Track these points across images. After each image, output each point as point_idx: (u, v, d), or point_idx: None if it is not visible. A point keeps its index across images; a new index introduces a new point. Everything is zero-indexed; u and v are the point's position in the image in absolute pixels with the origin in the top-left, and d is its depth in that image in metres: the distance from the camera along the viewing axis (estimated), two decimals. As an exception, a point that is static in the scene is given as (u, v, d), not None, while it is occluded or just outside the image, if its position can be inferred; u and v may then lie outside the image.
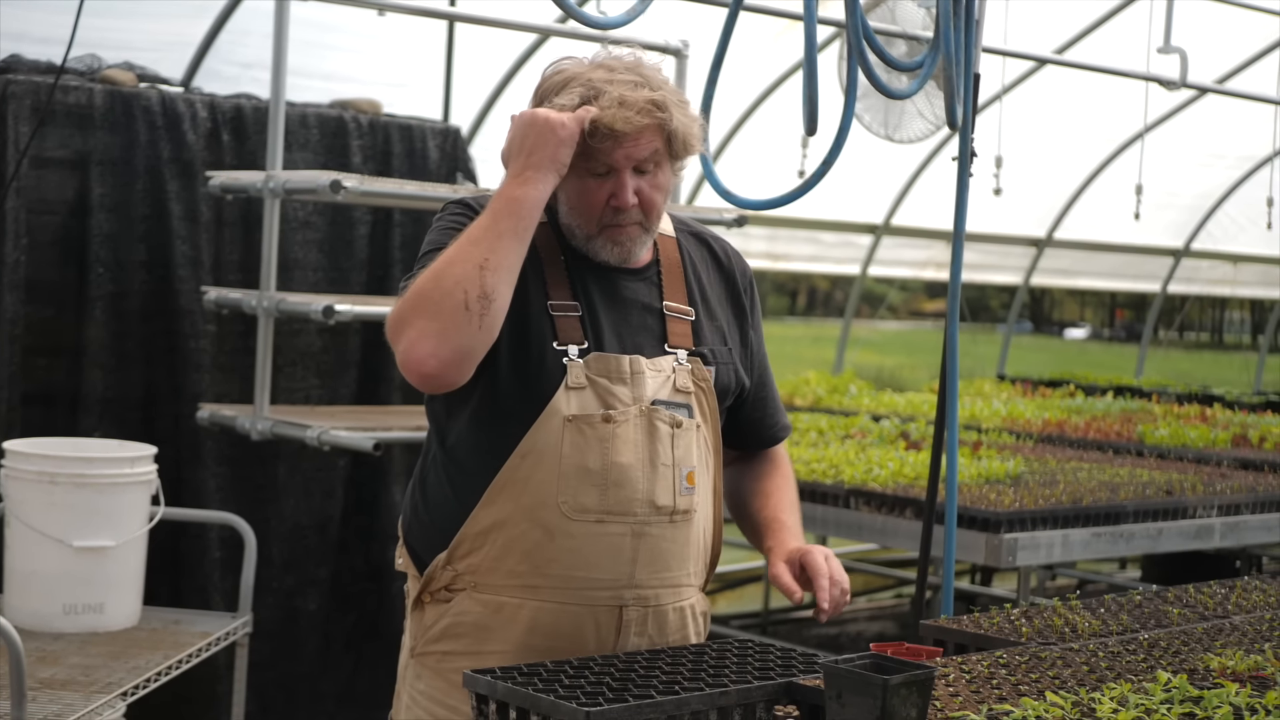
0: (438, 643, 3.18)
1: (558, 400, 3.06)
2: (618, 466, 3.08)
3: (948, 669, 3.09)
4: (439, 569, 3.17)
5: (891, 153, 9.01)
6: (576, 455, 3.06)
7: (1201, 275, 15.29)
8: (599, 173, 3.10)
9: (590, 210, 3.13)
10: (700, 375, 3.22)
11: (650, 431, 3.12)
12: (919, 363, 25.42)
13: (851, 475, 6.59)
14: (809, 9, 4.12)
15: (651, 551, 3.13)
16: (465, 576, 3.14)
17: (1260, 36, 11.27)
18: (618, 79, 3.09)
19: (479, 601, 3.13)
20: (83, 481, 5.09)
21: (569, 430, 3.06)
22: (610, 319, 3.17)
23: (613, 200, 3.10)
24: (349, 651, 6.90)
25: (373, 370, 6.88)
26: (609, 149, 3.07)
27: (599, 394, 3.09)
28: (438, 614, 3.19)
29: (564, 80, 3.12)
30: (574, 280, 3.16)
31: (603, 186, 3.10)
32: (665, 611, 3.19)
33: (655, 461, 3.12)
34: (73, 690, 4.45)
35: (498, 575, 3.10)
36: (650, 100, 3.07)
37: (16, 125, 5.85)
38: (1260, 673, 3.06)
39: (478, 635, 3.13)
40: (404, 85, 7.95)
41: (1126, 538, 6.38)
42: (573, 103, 3.06)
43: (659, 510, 3.12)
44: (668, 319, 3.23)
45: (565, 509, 3.07)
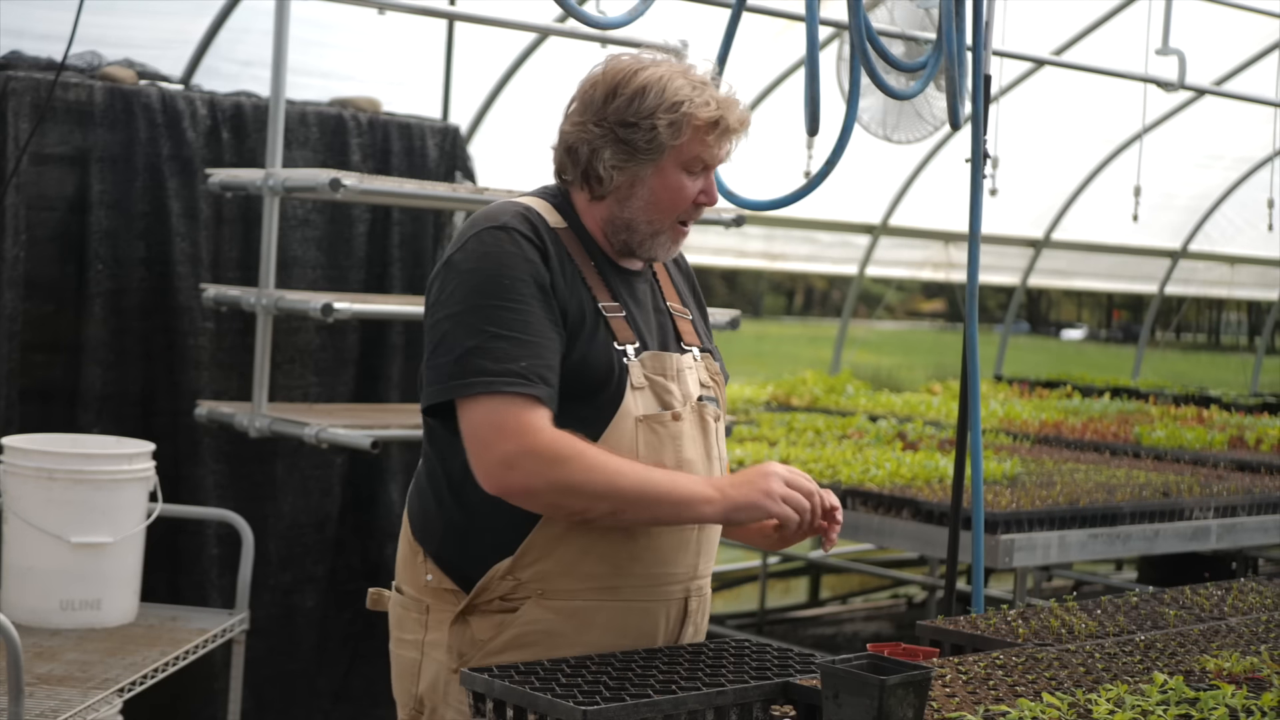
0: (501, 654, 3.06)
1: (628, 401, 3.08)
2: (687, 463, 3.13)
3: (944, 669, 3.09)
4: (496, 579, 3.07)
5: (889, 153, 9.02)
6: (651, 454, 3.07)
7: (1199, 276, 15.29)
8: (696, 170, 3.15)
9: (678, 205, 3.17)
10: (713, 369, 3.29)
11: (703, 426, 3.18)
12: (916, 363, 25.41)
13: (848, 475, 6.59)
14: (810, 9, 4.13)
15: (708, 542, 3.21)
16: (530, 584, 3.07)
17: (1258, 38, 11.28)
18: (706, 80, 3.16)
19: (549, 608, 3.07)
20: (81, 478, 5.09)
21: (642, 430, 3.08)
22: (643, 318, 3.20)
23: (701, 197, 3.17)
24: (345, 649, 6.91)
25: (371, 368, 6.88)
26: (718, 149, 3.15)
27: (657, 393, 3.12)
28: (494, 625, 3.09)
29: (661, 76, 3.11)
30: (609, 283, 3.19)
31: (695, 183, 3.16)
32: (708, 599, 3.28)
33: (711, 456, 3.19)
34: (70, 686, 4.45)
35: (571, 580, 3.06)
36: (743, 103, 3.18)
37: (16, 122, 5.85)
38: (1256, 674, 3.07)
39: (549, 643, 3.06)
40: (403, 84, 7.96)
41: (1123, 539, 6.39)
42: (695, 98, 3.09)
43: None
44: (675, 318, 3.28)
45: None
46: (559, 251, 3.11)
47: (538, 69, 8.65)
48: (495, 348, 2.95)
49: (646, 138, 3.09)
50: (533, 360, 2.96)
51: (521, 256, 3.03)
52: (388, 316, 6.63)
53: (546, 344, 2.99)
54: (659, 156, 3.11)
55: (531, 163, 8.86)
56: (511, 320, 2.98)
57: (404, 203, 6.46)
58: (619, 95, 3.11)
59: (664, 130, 3.07)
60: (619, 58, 3.19)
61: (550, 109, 9.39)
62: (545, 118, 9.60)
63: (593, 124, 3.13)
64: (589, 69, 3.22)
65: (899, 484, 6.49)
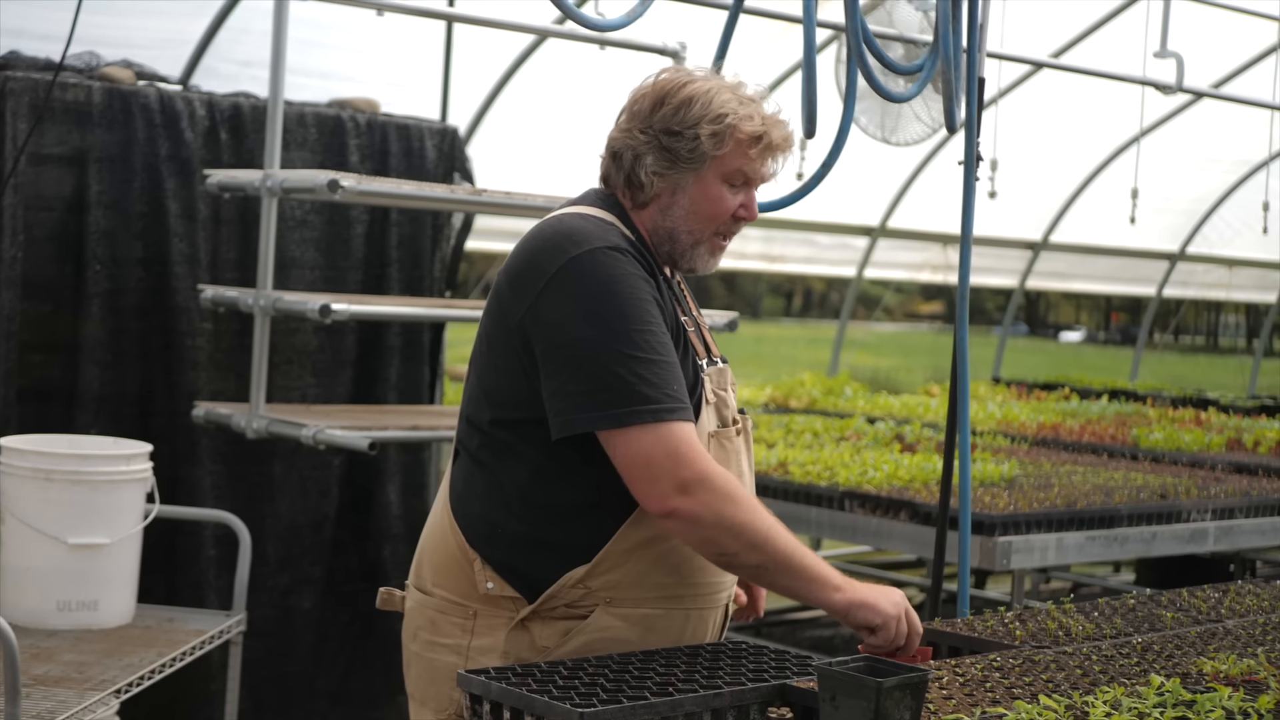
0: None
1: (704, 416, 3.14)
2: (744, 474, 3.22)
3: (941, 671, 3.10)
4: (567, 587, 3.10)
5: (888, 155, 9.01)
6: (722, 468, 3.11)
7: (1197, 279, 15.30)
8: (737, 183, 3.19)
9: (717, 217, 3.21)
10: (733, 381, 3.35)
11: (747, 440, 3.27)
12: (914, 364, 25.45)
13: (846, 477, 6.59)
14: (808, 12, 4.13)
15: None
16: (599, 592, 3.10)
17: (1256, 41, 11.28)
18: (756, 98, 3.23)
19: (619, 616, 3.11)
20: (78, 478, 5.09)
21: (714, 445, 3.15)
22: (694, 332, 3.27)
23: (741, 211, 3.21)
24: (343, 650, 6.91)
25: (369, 369, 6.88)
26: (759, 163, 3.20)
27: (718, 407, 3.20)
28: (558, 633, 3.11)
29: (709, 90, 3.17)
30: (676, 298, 3.25)
31: (735, 196, 3.21)
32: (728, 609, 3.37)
33: (751, 467, 3.30)
34: (66, 687, 4.45)
35: (641, 589, 3.11)
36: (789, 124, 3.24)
37: (15, 122, 5.85)
38: (1253, 677, 3.07)
39: (614, 649, 3.10)
40: (402, 85, 7.95)
41: (1120, 541, 6.39)
42: (744, 112, 3.15)
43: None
44: (702, 329, 3.34)
45: None
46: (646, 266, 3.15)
47: (536, 71, 8.65)
48: (649, 374, 2.98)
49: (689, 146, 3.14)
50: (678, 385, 3.02)
51: (641, 277, 3.08)
52: (386, 318, 6.63)
53: (678, 367, 3.06)
54: (700, 166, 3.16)
55: (530, 164, 8.90)
56: (655, 344, 3.02)
57: (402, 204, 6.47)
58: (666, 104, 3.17)
59: (706, 140, 3.13)
60: (671, 71, 3.26)
61: (549, 110, 9.43)
62: (544, 119, 9.65)
63: (639, 131, 3.19)
64: (639, 81, 3.27)
65: (897, 486, 6.50)
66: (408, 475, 7.01)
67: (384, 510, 6.91)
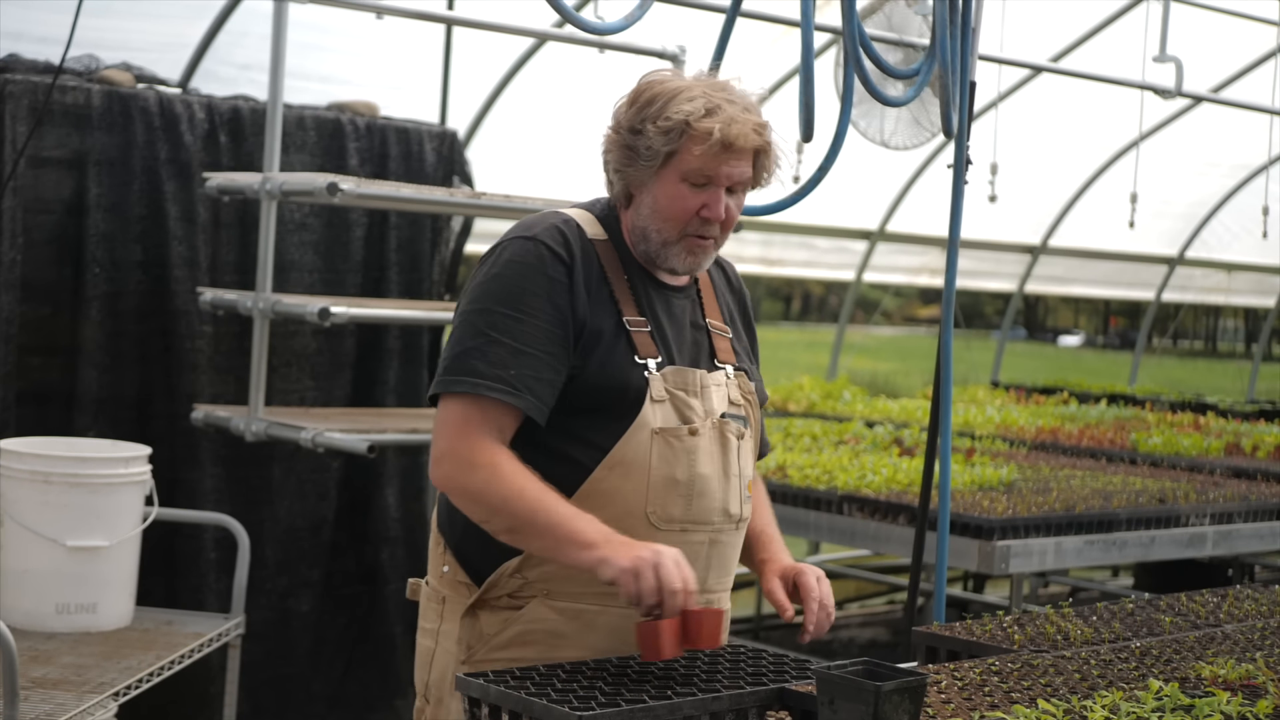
0: (504, 650, 3.15)
1: (645, 413, 3.13)
2: (701, 478, 3.17)
3: (940, 676, 3.10)
4: (505, 576, 3.15)
5: (887, 159, 9.01)
6: (665, 467, 3.13)
7: (1196, 283, 15.29)
8: (697, 183, 3.15)
9: (680, 216, 3.18)
10: (746, 389, 3.33)
11: (723, 443, 3.22)
12: (913, 368, 25.42)
13: (845, 481, 6.59)
14: (806, 16, 4.13)
15: (721, 558, 3.25)
16: (536, 584, 3.14)
17: (1255, 46, 11.28)
18: (734, 99, 3.16)
19: (554, 609, 3.14)
20: (77, 481, 5.09)
21: (657, 443, 3.13)
22: (673, 334, 3.25)
23: (704, 211, 3.17)
24: (341, 653, 6.91)
25: (367, 372, 6.88)
26: (717, 162, 3.14)
27: (677, 407, 3.17)
28: (500, 621, 3.16)
29: (679, 88, 3.16)
30: (639, 297, 3.23)
31: (697, 196, 3.16)
32: (723, 614, 3.23)
33: (728, 472, 3.22)
34: (65, 690, 4.45)
35: (576, 583, 3.11)
36: (760, 124, 3.16)
37: (14, 124, 5.85)
38: (1251, 681, 3.07)
39: (551, 642, 3.13)
40: (401, 88, 7.95)
41: (1119, 545, 6.39)
42: (695, 110, 3.10)
43: (730, 518, 3.23)
44: (713, 335, 3.32)
45: (654, 519, 3.13)
46: (590, 265, 3.18)
47: (535, 74, 8.65)
48: (493, 352, 3.06)
49: (645, 144, 3.14)
50: (524, 370, 3.06)
51: (541, 270, 3.13)
52: (385, 321, 6.63)
53: (545, 358, 3.08)
54: (656, 164, 3.15)
55: (529, 167, 8.90)
56: (515, 329, 3.08)
57: (401, 207, 6.47)
58: (635, 103, 3.19)
59: (657, 137, 3.12)
60: (655, 72, 3.27)
61: (547, 114, 9.43)
62: (543, 122, 9.64)
63: (612, 130, 3.22)
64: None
65: (895, 490, 6.50)
66: (406, 478, 7.01)
67: (382, 513, 6.91)
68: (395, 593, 6.95)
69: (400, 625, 6.95)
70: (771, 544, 3.42)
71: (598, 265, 3.19)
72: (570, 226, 3.21)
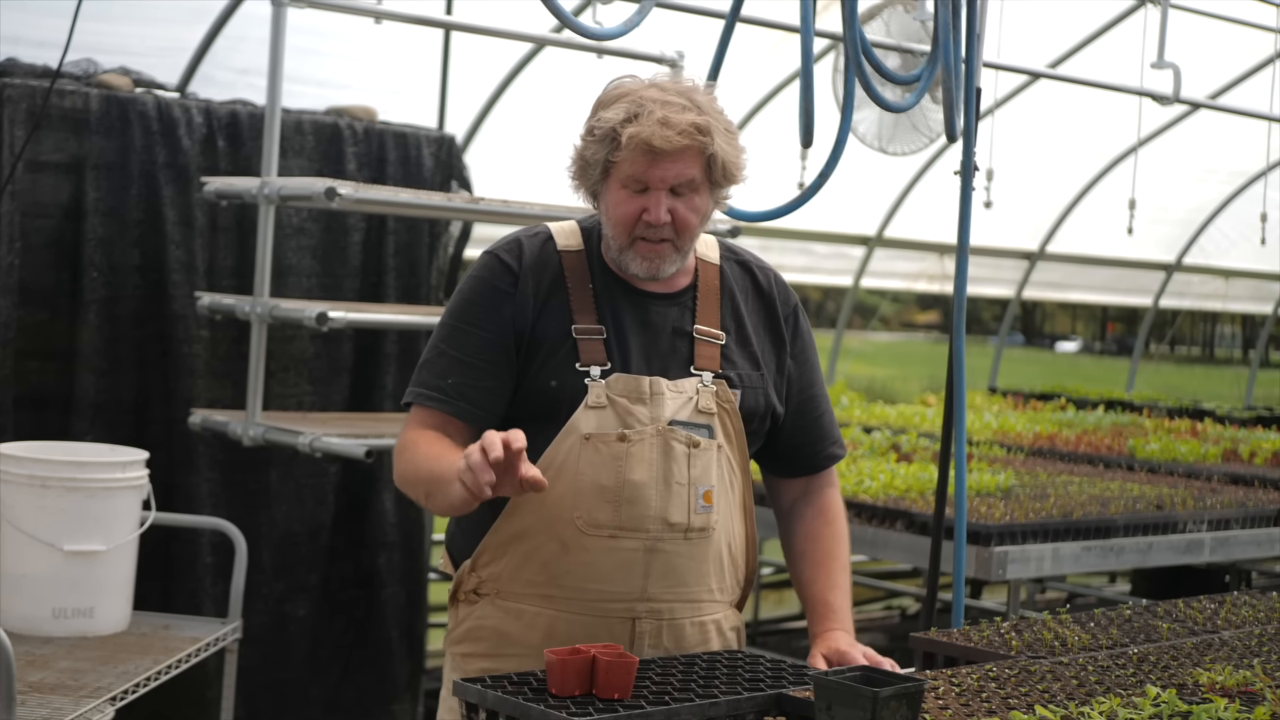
0: (460, 644, 3.31)
1: (577, 418, 3.16)
2: (631, 484, 3.16)
3: (937, 682, 3.10)
4: (466, 573, 3.29)
5: (885, 165, 9.02)
6: (592, 472, 3.15)
7: (1193, 290, 15.29)
8: (636, 189, 3.17)
9: (624, 221, 3.21)
10: (724, 397, 3.29)
11: (665, 451, 3.20)
12: (911, 374, 25.44)
13: (842, 487, 6.55)
14: (805, 21, 4.13)
15: (665, 567, 3.22)
16: (488, 583, 3.26)
17: (1253, 52, 11.28)
18: (669, 99, 3.16)
19: (500, 608, 3.25)
20: (74, 485, 5.09)
21: (586, 448, 3.16)
22: (639, 342, 3.25)
23: (645, 215, 3.18)
24: (338, 658, 6.90)
25: (365, 377, 6.88)
26: (645, 166, 3.15)
27: (619, 413, 3.18)
28: (462, 615, 3.31)
29: (619, 94, 3.20)
30: (602, 305, 3.26)
31: (636, 201, 3.18)
32: (681, 625, 3.27)
33: (670, 480, 3.20)
34: (62, 694, 4.44)
35: (517, 584, 3.22)
36: (693, 123, 3.14)
37: (12, 129, 5.85)
38: (1249, 688, 3.07)
39: (496, 640, 3.25)
40: (399, 93, 7.95)
41: (1116, 552, 6.39)
42: (617, 117, 3.13)
43: (672, 527, 3.20)
44: (696, 342, 3.30)
45: (580, 524, 3.17)
46: (549, 276, 3.26)
47: (534, 79, 8.65)
48: (437, 363, 3.27)
49: (589, 151, 3.21)
50: (460, 379, 3.21)
51: (489, 282, 3.26)
52: (383, 325, 6.63)
53: (484, 365, 3.21)
54: (598, 171, 3.21)
55: (527, 173, 8.90)
56: (460, 340, 3.25)
57: (399, 212, 6.47)
58: (591, 112, 3.24)
59: (592, 146, 3.19)
60: (621, 77, 3.30)
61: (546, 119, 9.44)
62: (541, 128, 9.64)
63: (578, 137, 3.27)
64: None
65: (893, 496, 6.49)
66: (404, 483, 7.00)
67: (380, 518, 6.91)
68: (392, 597, 6.95)
69: (397, 630, 6.95)
70: (829, 616, 3.35)
71: (556, 275, 3.25)
72: (535, 239, 3.30)
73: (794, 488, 3.54)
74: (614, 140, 3.14)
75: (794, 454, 3.50)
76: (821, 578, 3.41)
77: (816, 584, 3.40)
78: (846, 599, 3.40)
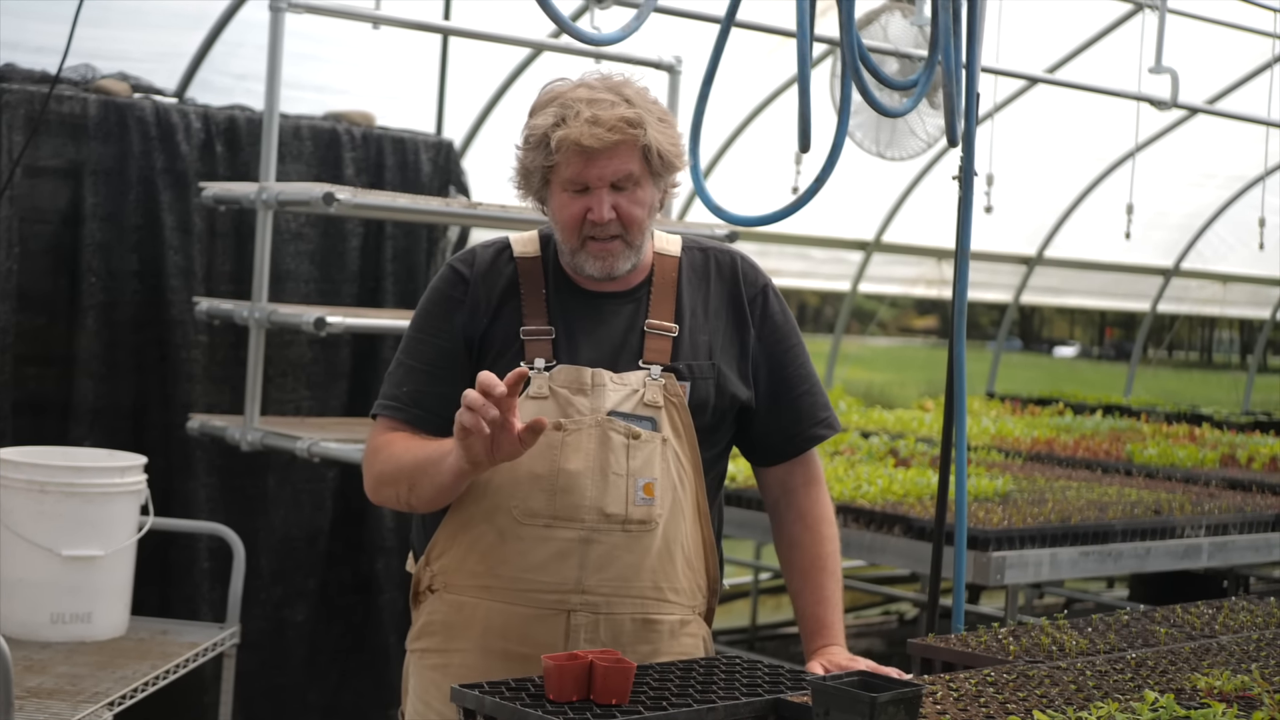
0: (417, 640, 3.33)
1: (524, 409, 3.12)
2: (566, 473, 3.17)
3: (935, 686, 3.09)
4: (421, 569, 3.32)
5: (883, 169, 9.02)
6: (528, 461, 3.13)
7: (1191, 295, 15.29)
8: (576, 189, 3.18)
9: (569, 224, 3.21)
10: (672, 390, 3.26)
11: (603, 441, 3.19)
12: (909, 379, 25.45)
13: (840, 492, 6.58)
14: (802, 26, 4.13)
15: (602, 559, 3.20)
16: (439, 577, 3.29)
17: (1251, 57, 11.29)
18: (597, 97, 3.16)
19: (446, 602, 3.27)
20: (72, 491, 5.09)
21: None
22: (591, 340, 3.26)
23: (589, 215, 3.18)
24: (335, 663, 6.90)
25: (363, 382, 6.88)
26: (580, 166, 3.15)
27: (559, 404, 3.19)
28: (420, 613, 3.34)
29: (549, 99, 3.21)
30: (554, 308, 3.28)
31: (578, 201, 3.19)
32: (620, 621, 3.23)
33: (606, 471, 3.18)
34: (60, 699, 4.44)
35: (461, 576, 3.24)
36: (622, 117, 3.14)
37: (11, 134, 5.86)
38: (1247, 693, 3.07)
39: (445, 634, 3.27)
40: (397, 98, 7.95)
41: (1114, 557, 6.39)
42: (547, 123, 3.15)
43: (609, 518, 3.18)
44: (647, 336, 3.28)
45: (516, 513, 3.19)
46: (502, 282, 3.29)
47: (532, 84, 8.65)
48: (396, 373, 3.33)
49: (526, 160, 3.24)
50: (414, 386, 3.27)
51: (444, 292, 3.32)
52: (380, 331, 6.62)
53: (437, 372, 3.26)
54: (538, 178, 3.23)
55: (525, 178, 8.88)
56: (415, 349, 3.32)
57: (397, 217, 6.47)
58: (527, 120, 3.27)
59: (529, 154, 3.21)
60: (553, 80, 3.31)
61: (544, 124, 9.18)
62: (539, 133, 9.46)
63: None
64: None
65: (891, 501, 6.49)
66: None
67: (377, 524, 6.91)
68: (390, 602, 6.95)
69: (395, 635, 6.94)
70: (821, 633, 3.33)
71: (510, 281, 3.29)
72: (490, 249, 3.35)
73: (775, 483, 3.47)
74: (546, 145, 3.15)
75: (767, 438, 3.44)
76: (809, 590, 3.38)
77: (805, 596, 3.38)
78: (838, 612, 3.37)
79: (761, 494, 3.53)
